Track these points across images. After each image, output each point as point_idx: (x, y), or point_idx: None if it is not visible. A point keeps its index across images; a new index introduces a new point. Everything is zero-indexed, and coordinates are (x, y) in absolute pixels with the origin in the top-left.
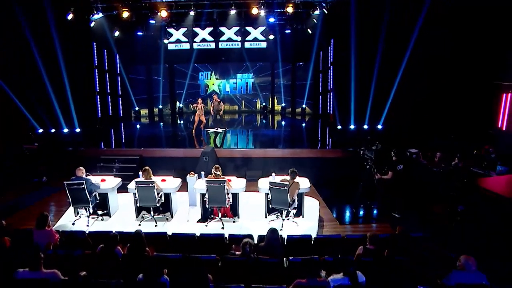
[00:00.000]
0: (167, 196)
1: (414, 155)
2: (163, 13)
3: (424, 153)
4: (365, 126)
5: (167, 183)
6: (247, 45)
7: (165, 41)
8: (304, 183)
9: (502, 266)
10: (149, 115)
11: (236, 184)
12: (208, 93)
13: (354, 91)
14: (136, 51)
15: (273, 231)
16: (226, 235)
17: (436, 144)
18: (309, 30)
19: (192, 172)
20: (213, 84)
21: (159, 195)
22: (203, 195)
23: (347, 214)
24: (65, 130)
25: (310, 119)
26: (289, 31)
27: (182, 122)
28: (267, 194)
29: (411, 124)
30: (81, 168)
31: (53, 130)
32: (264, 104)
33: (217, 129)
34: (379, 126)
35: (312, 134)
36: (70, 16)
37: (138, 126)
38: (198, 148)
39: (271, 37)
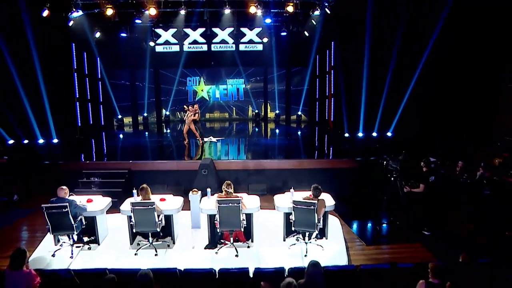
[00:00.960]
0: (168, 218)
1: (432, 165)
2: (152, 11)
3: (443, 162)
4: (374, 134)
5: (167, 203)
6: (242, 47)
7: (151, 43)
8: (328, 200)
9: None
10: (133, 124)
11: (250, 202)
12: (197, 100)
13: (364, 96)
14: (119, 54)
15: (315, 265)
16: (247, 266)
17: (440, 145)
18: (306, 33)
19: (195, 190)
20: (202, 91)
21: (160, 218)
22: (211, 217)
23: (370, 231)
24: (41, 141)
25: (306, 127)
26: (285, 33)
27: (169, 131)
28: (287, 213)
29: (422, 131)
30: (64, 187)
31: (26, 141)
32: (256, 111)
33: (210, 139)
34: (389, 134)
35: (311, 143)
36: (45, 13)
37: (121, 135)
38: (195, 160)
39: (265, 40)
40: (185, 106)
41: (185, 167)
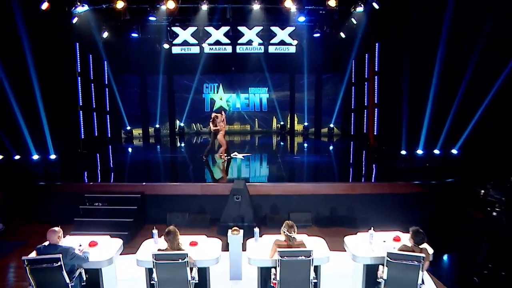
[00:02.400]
0: (203, 272)
1: None
2: (171, 4)
3: None
4: (436, 151)
5: (201, 250)
6: (271, 49)
7: (166, 45)
8: (428, 249)
9: None
10: (144, 136)
11: (312, 245)
12: (215, 109)
13: (431, 106)
14: (130, 57)
15: None
16: None
17: None
18: (342, 34)
19: (237, 229)
20: (221, 99)
21: (193, 274)
22: (263, 270)
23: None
24: (35, 157)
25: (339, 141)
26: (318, 34)
27: (183, 144)
28: (370, 266)
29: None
30: (57, 229)
31: (17, 157)
32: (282, 123)
33: (235, 155)
34: (454, 151)
35: (353, 161)
36: (45, 5)
37: (130, 149)
38: (224, 183)
39: (294, 42)
40: (213, 114)
41: (211, 191)
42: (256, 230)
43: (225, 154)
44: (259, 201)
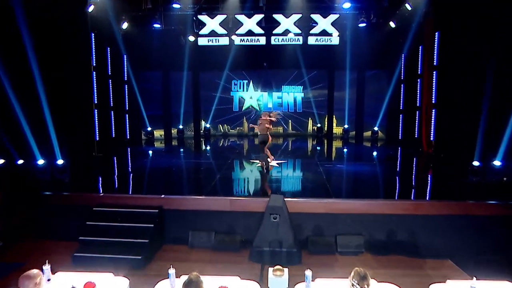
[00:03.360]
0: None
1: None
2: None
3: None
4: None
5: None
6: (311, 40)
7: (191, 38)
8: None
9: None
10: (166, 138)
11: None
12: (244, 110)
13: None
14: (151, 51)
15: None
16: None
17: None
18: (392, 24)
19: (280, 268)
20: (251, 98)
21: None
22: None
23: None
24: (40, 162)
25: (384, 146)
26: (364, 24)
27: (208, 148)
28: None
29: None
30: (33, 273)
31: (20, 162)
32: (318, 125)
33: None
34: None
35: (402, 171)
36: None
37: (151, 153)
38: (257, 198)
39: (335, 33)
40: (264, 113)
41: (242, 207)
42: (308, 273)
43: (264, 161)
44: (299, 220)
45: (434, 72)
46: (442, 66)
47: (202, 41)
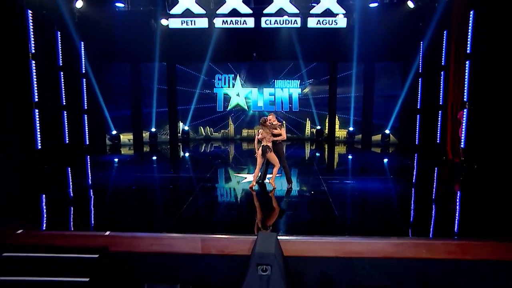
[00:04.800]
0: None
1: None
2: None
3: None
4: None
5: None
6: (311, 23)
7: (164, 21)
8: None
9: None
10: (136, 144)
11: None
12: (229, 109)
13: None
14: (116, 37)
15: None
16: None
17: None
18: (410, 3)
19: None
20: (238, 95)
21: None
22: None
23: None
24: None
25: (397, 153)
26: (375, 4)
27: (187, 154)
28: None
29: None
30: None
31: None
32: (318, 127)
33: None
34: None
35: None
36: None
37: (114, 162)
38: (238, 236)
39: (340, 17)
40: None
41: (219, 249)
42: None
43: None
44: (298, 266)
45: (467, 62)
46: (476, 55)
47: (175, 23)
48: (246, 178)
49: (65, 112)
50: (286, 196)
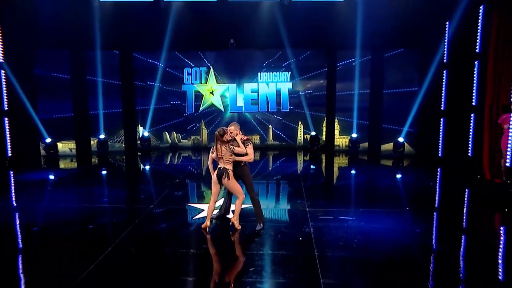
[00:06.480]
0: None
1: None
2: None
3: None
4: None
5: None
6: None
7: None
8: None
9: None
10: (78, 155)
11: None
12: (202, 111)
13: None
14: (48, 15)
15: None
16: None
17: None
18: None
19: None
20: (212, 93)
21: None
22: None
23: None
24: None
25: (413, 168)
26: None
27: (147, 168)
28: None
29: None
30: None
31: None
32: (313, 133)
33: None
34: None
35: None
36: None
37: (51, 178)
38: None
39: None
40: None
41: None
42: None
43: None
44: None
45: None
46: None
47: None
48: (203, 210)
49: None
50: (253, 245)
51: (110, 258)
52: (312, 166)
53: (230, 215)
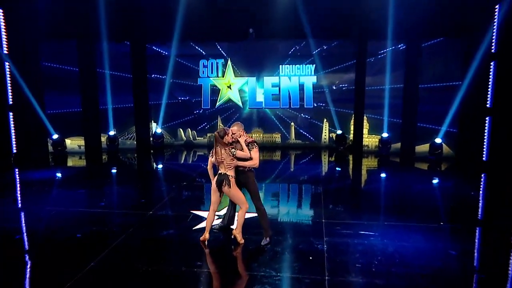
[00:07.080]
0: None
1: None
2: None
3: None
4: None
5: None
6: None
7: None
8: None
9: None
10: (88, 153)
11: None
12: (218, 106)
13: None
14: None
15: None
16: None
17: None
18: None
19: None
20: (230, 87)
21: None
22: None
23: None
24: None
25: (452, 174)
26: None
27: (160, 167)
28: None
29: None
30: None
31: None
32: (339, 132)
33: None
34: None
35: None
36: None
37: (57, 179)
38: None
39: None
40: (223, 129)
41: None
42: None
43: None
44: None
45: None
46: None
47: None
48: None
49: None
50: (255, 264)
51: (89, 276)
52: (336, 169)
53: (234, 226)
